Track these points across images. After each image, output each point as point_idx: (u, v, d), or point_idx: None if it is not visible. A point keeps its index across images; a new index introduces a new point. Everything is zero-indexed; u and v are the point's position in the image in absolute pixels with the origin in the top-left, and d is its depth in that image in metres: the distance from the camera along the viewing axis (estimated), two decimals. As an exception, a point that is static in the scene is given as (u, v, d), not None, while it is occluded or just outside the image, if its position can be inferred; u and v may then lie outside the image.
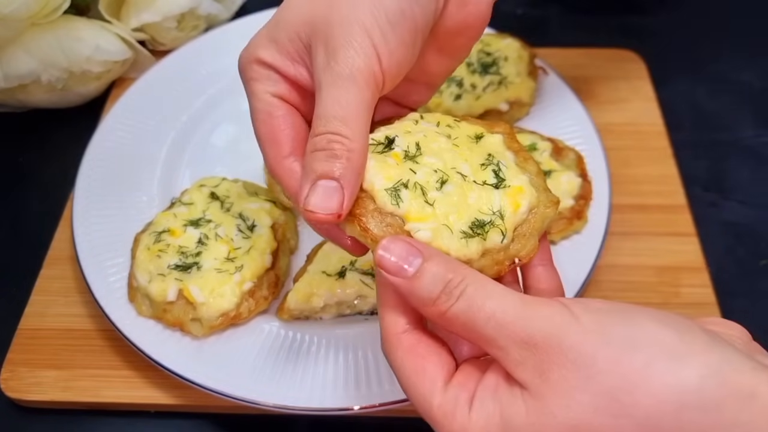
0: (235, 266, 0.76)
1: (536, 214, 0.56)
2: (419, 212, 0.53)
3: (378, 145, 0.57)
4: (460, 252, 0.53)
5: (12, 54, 0.94)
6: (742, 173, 0.97)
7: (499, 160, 0.58)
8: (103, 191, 0.87)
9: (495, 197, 0.55)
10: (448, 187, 0.55)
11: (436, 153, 0.57)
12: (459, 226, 0.54)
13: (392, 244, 0.49)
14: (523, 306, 0.45)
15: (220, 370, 0.72)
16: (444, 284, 0.47)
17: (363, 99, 0.53)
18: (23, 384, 0.76)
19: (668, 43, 1.14)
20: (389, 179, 0.54)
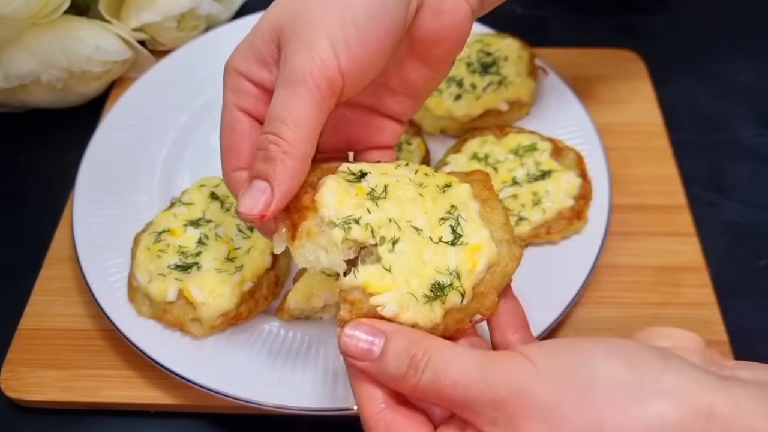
0: (235, 266, 0.76)
1: (495, 272, 0.55)
2: (378, 281, 0.53)
3: (350, 174, 0.58)
4: (427, 319, 0.53)
5: (12, 54, 0.94)
6: (742, 173, 0.97)
7: (460, 213, 0.57)
8: (103, 191, 0.87)
9: (451, 255, 0.54)
10: (400, 246, 0.54)
11: (399, 201, 0.57)
12: (421, 290, 0.53)
13: (354, 330, 0.51)
14: (484, 365, 0.47)
15: (220, 370, 0.72)
16: (408, 360, 0.49)
17: (310, 102, 0.53)
18: (23, 384, 0.76)
19: (668, 43, 1.14)
20: (341, 204, 0.55)
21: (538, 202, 0.82)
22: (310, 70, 0.53)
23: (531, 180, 0.84)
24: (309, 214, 0.55)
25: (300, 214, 0.55)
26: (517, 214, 0.81)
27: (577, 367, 0.44)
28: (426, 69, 0.63)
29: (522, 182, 0.84)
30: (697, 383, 0.43)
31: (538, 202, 0.82)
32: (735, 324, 0.81)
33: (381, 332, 0.51)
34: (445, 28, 0.60)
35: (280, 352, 0.74)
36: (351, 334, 0.51)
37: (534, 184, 0.83)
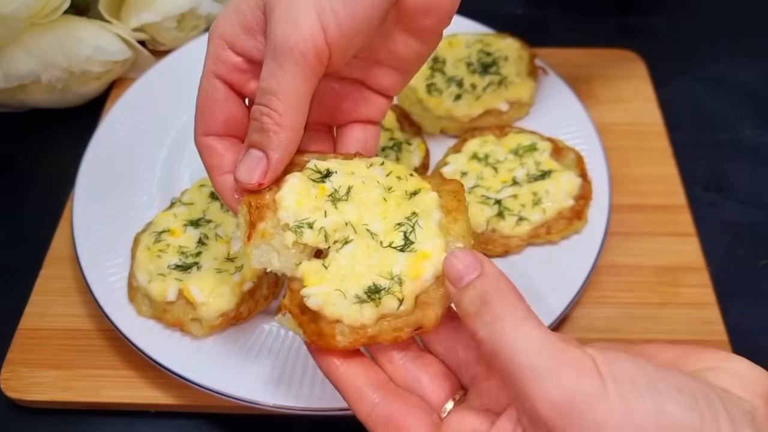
0: (235, 266, 0.76)
1: (445, 285, 0.53)
2: (313, 275, 0.54)
3: (315, 173, 0.58)
4: (353, 317, 0.53)
5: (12, 54, 0.94)
6: (742, 173, 0.97)
7: (418, 221, 0.56)
8: (103, 191, 0.87)
9: (398, 261, 0.54)
10: (348, 248, 0.55)
11: (360, 204, 0.57)
12: (354, 290, 0.54)
13: (461, 254, 0.49)
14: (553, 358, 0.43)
15: (220, 370, 0.72)
16: (480, 305, 0.47)
17: (298, 74, 0.54)
18: (23, 384, 0.76)
19: (668, 43, 1.14)
20: (299, 205, 0.55)
21: (538, 202, 0.82)
22: (296, 41, 0.53)
23: (531, 180, 0.84)
24: (267, 214, 0.56)
25: (259, 212, 0.56)
26: (517, 214, 0.81)
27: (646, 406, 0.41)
28: (414, 41, 0.62)
29: (522, 182, 0.84)
30: None
31: (538, 202, 0.82)
32: (735, 324, 0.81)
33: (479, 266, 0.49)
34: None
35: (280, 352, 0.74)
36: (456, 254, 0.49)
37: (534, 184, 0.83)
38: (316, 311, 0.54)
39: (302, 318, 0.54)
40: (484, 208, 0.82)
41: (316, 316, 0.54)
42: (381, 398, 0.52)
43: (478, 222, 0.81)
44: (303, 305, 0.54)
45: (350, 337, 0.53)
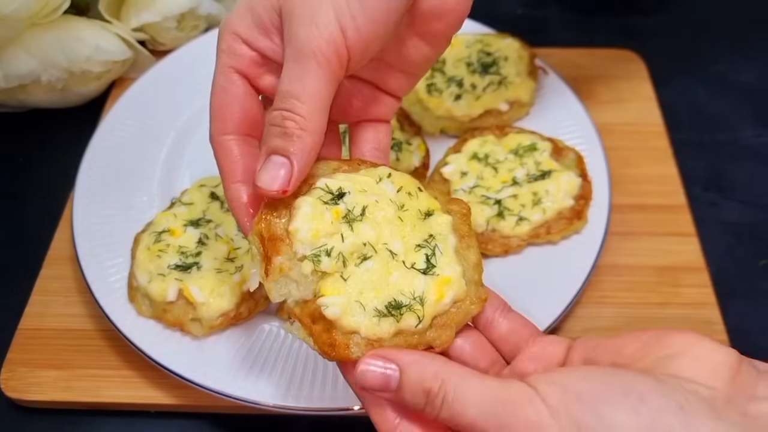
0: (235, 266, 0.76)
1: (460, 308, 0.56)
2: (330, 286, 0.54)
3: (327, 193, 0.57)
4: (370, 330, 0.53)
5: (12, 54, 0.94)
6: (742, 173, 0.97)
7: (437, 244, 0.57)
8: (103, 191, 0.87)
9: (419, 282, 0.55)
10: (368, 264, 0.55)
11: (377, 224, 0.57)
12: (374, 303, 0.54)
13: (370, 360, 0.51)
14: (501, 408, 0.46)
15: (220, 370, 0.72)
16: (425, 396, 0.49)
17: (322, 77, 0.53)
18: (23, 384, 0.76)
19: (668, 43, 1.14)
20: (315, 235, 0.54)
21: (538, 202, 0.82)
22: (318, 44, 0.53)
23: (531, 180, 0.84)
24: (282, 247, 0.55)
25: (273, 245, 0.55)
26: (517, 214, 0.81)
27: (595, 422, 0.44)
28: (425, 45, 0.63)
29: (522, 182, 0.84)
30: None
31: (538, 202, 0.82)
32: (735, 324, 0.81)
33: (395, 364, 0.50)
34: (448, 2, 0.60)
35: (280, 352, 0.74)
36: (368, 364, 0.51)
37: (534, 184, 0.83)
38: (330, 321, 0.53)
39: (314, 328, 0.54)
40: (484, 208, 0.82)
41: (330, 326, 0.54)
42: (400, 421, 0.52)
43: (478, 222, 0.81)
44: (315, 314, 0.54)
45: (364, 349, 0.54)
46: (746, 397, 0.45)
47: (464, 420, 0.47)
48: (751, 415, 0.44)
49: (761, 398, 0.45)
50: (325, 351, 0.54)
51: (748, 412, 0.45)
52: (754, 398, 0.45)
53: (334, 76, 0.54)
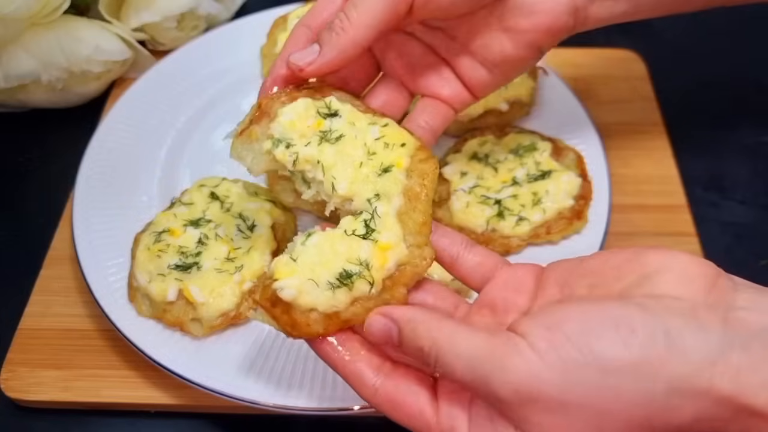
0: (235, 266, 0.76)
1: (405, 271, 0.57)
2: (283, 268, 0.56)
3: (325, 107, 0.62)
4: (327, 304, 0.55)
5: (12, 54, 0.94)
6: (742, 173, 0.97)
7: (376, 207, 0.59)
8: (103, 191, 0.87)
9: (363, 248, 0.57)
10: (313, 239, 0.57)
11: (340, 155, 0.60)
12: (326, 277, 0.56)
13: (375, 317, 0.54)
14: (490, 360, 0.47)
15: (220, 370, 0.72)
16: (420, 354, 0.51)
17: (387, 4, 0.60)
18: (23, 384, 0.76)
19: (668, 43, 1.14)
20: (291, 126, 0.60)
21: (538, 202, 0.82)
22: None
23: (531, 180, 0.84)
24: (264, 120, 0.61)
25: (260, 115, 0.61)
26: (517, 214, 0.81)
27: (587, 359, 0.45)
28: (508, 42, 0.66)
29: (522, 182, 0.84)
30: (700, 360, 0.44)
31: (538, 202, 0.82)
32: (735, 324, 0.81)
33: (394, 320, 0.53)
34: (543, 3, 0.64)
35: (280, 352, 0.74)
36: (372, 321, 0.54)
37: (534, 184, 0.83)
38: (288, 303, 0.55)
39: (274, 311, 0.56)
40: (484, 208, 0.82)
41: (289, 307, 0.56)
42: (381, 381, 0.54)
43: (478, 222, 0.81)
44: (274, 298, 0.56)
45: (323, 323, 0.55)
46: (725, 307, 0.47)
47: (454, 375, 0.49)
48: (731, 323, 0.46)
49: (739, 308, 0.46)
50: (287, 331, 0.56)
51: (727, 319, 0.46)
52: (733, 308, 0.46)
53: (395, 4, 0.60)
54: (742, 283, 0.49)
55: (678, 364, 0.44)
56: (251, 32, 1.04)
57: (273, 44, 1.01)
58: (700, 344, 0.45)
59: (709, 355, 0.44)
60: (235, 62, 1.02)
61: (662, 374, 0.44)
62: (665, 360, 0.44)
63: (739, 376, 0.44)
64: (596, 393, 0.45)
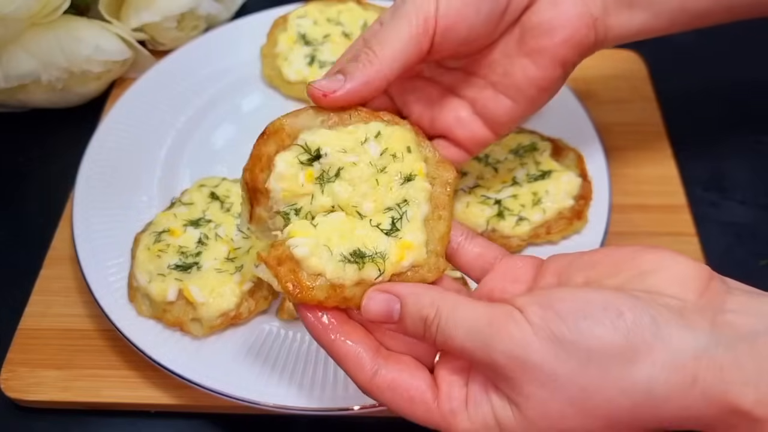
0: (235, 266, 0.76)
1: (417, 273, 0.57)
2: (300, 230, 0.56)
3: (304, 153, 0.59)
4: (335, 274, 0.55)
5: (12, 54, 0.94)
6: (741, 173, 0.97)
7: (407, 210, 0.58)
8: (103, 191, 0.87)
9: (383, 241, 0.57)
10: (335, 215, 0.57)
11: (351, 184, 0.59)
12: (340, 249, 0.56)
13: (374, 293, 0.55)
14: (487, 328, 0.49)
15: (220, 370, 0.72)
16: (422, 323, 0.52)
17: (407, 33, 0.61)
18: (23, 384, 0.76)
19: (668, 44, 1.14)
20: (286, 195, 0.58)
21: (538, 202, 0.82)
22: (413, 6, 0.61)
23: (531, 180, 0.84)
24: (261, 199, 0.60)
25: (255, 197, 0.60)
26: (517, 214, 0.81)
27: (575, 337, 0.46)
28: (531, 64, 0.65)
29: (522, 182, 0.84)
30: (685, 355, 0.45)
31: (538, 202, 0.82)
32: (735, 324, 0.81)
33: (396, 295, 0.54)
34: (560, 18, 0.64)
35: (280, 352, 0.74)
36: (371, 297, 0.55)
37: (534, 184, 0.83)
38: (297, 262, 0.55)
39: (279, 269, 0.56)
40: (484, 208, 0.82)
41: (297, 267, 0.56)
42: (381, 365, 0.54)
43: (478, 222, 0.81)
44: (282, 257, 0.56)
45: (326, 292, 0.55)
46: (715, 310, 0.47)
47: (454, 343, 0.50)
48: (719, 325, 0.46)
49: (728, 311, 0.47)
50: (288, 290, 0.55)
51: (716, 321, 0.46)
52: (722, 311, 0.47)
53: (416, 38, 0.61)
54: (736, 287, 0.50)
55: (663, 352, 0.45)
56: (251, 32, 1.04)
57: (273, 44, 1.01)
58: (686, 339, 0.45)
59: (695, 350, 0.45)
60: (235, 62, 1.03)
61: (646, 362, 0.45)
62: (651, 347, 0.45)
63: (723, 373, 0.44)
64: (582, 371, 0.46)
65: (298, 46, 0.99)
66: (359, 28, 1.01)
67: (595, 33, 0.66)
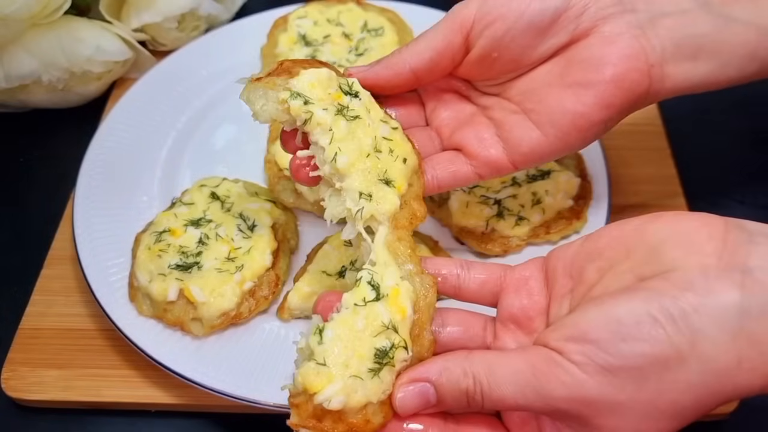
0: (235, 266, 0.76)
1: (421, 309, 0.55)
2: (316, 379, 0.52)
3: (347, 85, 0.62)
4: (380, 392, 0.52)
5: (13, 54, 0.94)
6: (741, 173, 0.97)
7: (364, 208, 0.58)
8: (104, 191, 0.87)
9: (381, 311, 0.54)
10: (328, 333, 0.53)
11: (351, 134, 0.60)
12: (364, 365, 0.52)
13: (402, 389, 0.53)
14: (535, 381, 0.48)
15: (220, 369, 0.72)
16: (465, 396, 0.51)
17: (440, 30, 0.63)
18: (24, 383, 0.76)
19: (668, 44, 1.14)
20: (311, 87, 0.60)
21: (537, 202, 0.82)
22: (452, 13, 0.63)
23: (530, 180, 0.84)
24: (284, 75, 0.61)
25: (281, 70, 0.61)
26: (517, 214, 0.81)
27: (622, 362, 0.46)
28: (571, 95, 0.61)
29: (521, 182, 0.84)
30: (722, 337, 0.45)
31: (537, 202, 0.82)
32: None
33: (426, 381, 0.52)
34: (612, 55, 0.60)
35: (280, 352, 0.74)
36: (402, 392, 0.53)
37: (533, 184, 0.83)
38: (339, 411, 0.52)
39: (324, 425, 0.52)
40: (484, 208, 0.82)
41: (340, 414, 0.52)
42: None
43: (477, 222, 0.81)
44: (317, 412, 0.52)
45: (381, 412, 0.53)
46: (740, 269, 0.46)
47: (507, 402, 0.50)
48: (748, 287, 0.46)
49: (755, 268, 0.46)
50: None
51: (744, 283, 0.46)
52: (748, 270, 0.46)
53: (449, 33, 0.62)
54: (757, 232, 0.49)
55: (704, 345, 0.45)
56: (252, 33, 1.04)
57: (273, 45, 1.01)
58: (719, 321, 0.45)
59: (732, 330, 0.45)
60: (235, 63, 1.03)
61: (692, 359, 0.46)
62: (692, 344, 0.45)
63: (763, 346, 0.45)
64: (641, 388, 0.46)
65: (299, 46, 0.99)
66: (359, 29, 1.01)
67: (650, 80, 0.61)
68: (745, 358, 0.45)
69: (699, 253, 0.48)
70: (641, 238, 0.50)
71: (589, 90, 0.61)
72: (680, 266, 0.47)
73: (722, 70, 0.63)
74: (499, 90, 0.67)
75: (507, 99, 0.66)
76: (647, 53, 0.60)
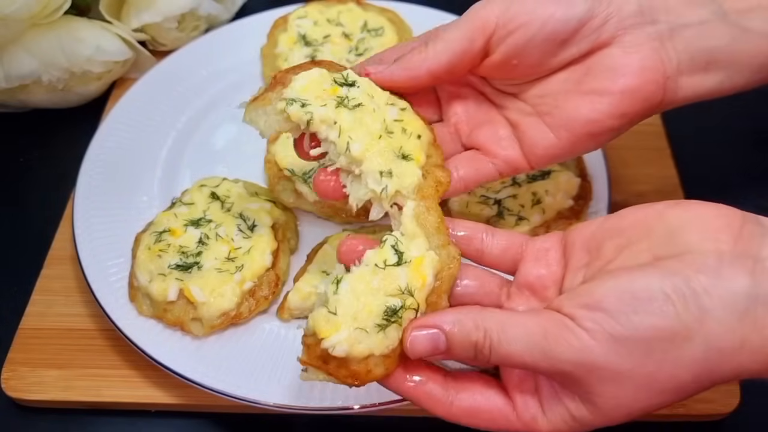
0: (235, 266, 0.76)
1: (443, 278, 0.57)
2: (325, 325, 0.54)
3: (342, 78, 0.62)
4: (383, 346, 0.54)
5: (13, 54, 0.94)
6: (741, 173, 0.97)
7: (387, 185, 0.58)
8: (104, 191, 0.87)
9: (400, 276, 0.55)
10: (344, 285, 0.55)
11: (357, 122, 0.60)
12: (372, 320, 0.54)
13: (415, 333, 0.53)
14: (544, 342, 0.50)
15: (220, 369, 0.72)
16: (473, 348, 0.52)
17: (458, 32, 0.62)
18: (24, 383, 0.76)
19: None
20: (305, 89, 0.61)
21: (537, 202, 0.82)
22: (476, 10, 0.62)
23: (530, 180, 0.84)
24: (278, 87, 0.61)
25: (274, 83, 0.61)
26: (517, 214, 0.81)
27: (631, 332, 0.48)
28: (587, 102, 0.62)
29: (521, 182, 0.84)
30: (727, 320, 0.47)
31: (537, 202, 0.82)
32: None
33: (437, 327, 0.53)
34: (632, 66, 0.61)
35: (280, 351, 0.74)
36: (413, 336, 0.54)
37: (533, 184, 0.83)
38: (342, 357, 0.53)
39: (328, 367, 0.54)
40: (484, 208, 0.82)
41: (344, 360, 0.54)
42: (453, 395, 0.55)
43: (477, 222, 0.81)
44: (325, 356, 0.54)
45: (383, 364, 0.54)
46: (753, 257, 0.48)
47: (514, 360, 0.51)
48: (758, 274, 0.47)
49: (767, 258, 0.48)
50: (349, 383, 0.54)
51: (755, 270, 0.48)
52: (760, 258, 0.48)
53: (471, 35, 0.61)
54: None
55: (711, 325, 0.47)
56: (252, 33, 1.05)
57: (273, 45, 1.01)
58: (728, 303, 0.47)
59: (739, 313, 0.47)
60: (235, 63, 1.03)
61: (698, 337, 0.47)
62: (700, 322, 0.47)
63: (764, 330, 0.47)
64: (644, 359, 0.48)
65: (299, 46, 0.99)
66: (359, 29, 1.01)
67: (664, 92, 0.63)
68: (747, 340, 0.47)
69: (715, 240, 0.49)
70: (662, 221, 0.52)
71: (605, 98, 0.62)
72: (696, 249, 0.49)
73: (731, 80, 0.64)
74: (515, 90, 0.67)
75: (523, 100, 0.66)
76: (665, 65, 0.62)
